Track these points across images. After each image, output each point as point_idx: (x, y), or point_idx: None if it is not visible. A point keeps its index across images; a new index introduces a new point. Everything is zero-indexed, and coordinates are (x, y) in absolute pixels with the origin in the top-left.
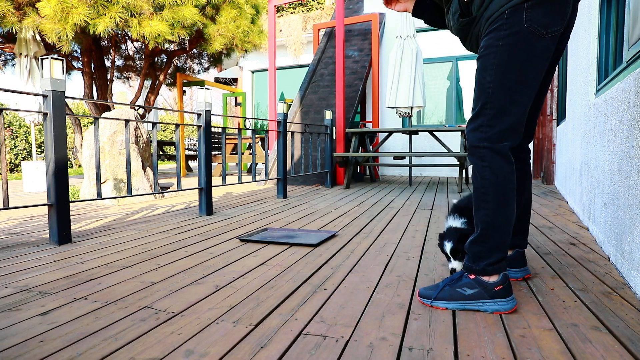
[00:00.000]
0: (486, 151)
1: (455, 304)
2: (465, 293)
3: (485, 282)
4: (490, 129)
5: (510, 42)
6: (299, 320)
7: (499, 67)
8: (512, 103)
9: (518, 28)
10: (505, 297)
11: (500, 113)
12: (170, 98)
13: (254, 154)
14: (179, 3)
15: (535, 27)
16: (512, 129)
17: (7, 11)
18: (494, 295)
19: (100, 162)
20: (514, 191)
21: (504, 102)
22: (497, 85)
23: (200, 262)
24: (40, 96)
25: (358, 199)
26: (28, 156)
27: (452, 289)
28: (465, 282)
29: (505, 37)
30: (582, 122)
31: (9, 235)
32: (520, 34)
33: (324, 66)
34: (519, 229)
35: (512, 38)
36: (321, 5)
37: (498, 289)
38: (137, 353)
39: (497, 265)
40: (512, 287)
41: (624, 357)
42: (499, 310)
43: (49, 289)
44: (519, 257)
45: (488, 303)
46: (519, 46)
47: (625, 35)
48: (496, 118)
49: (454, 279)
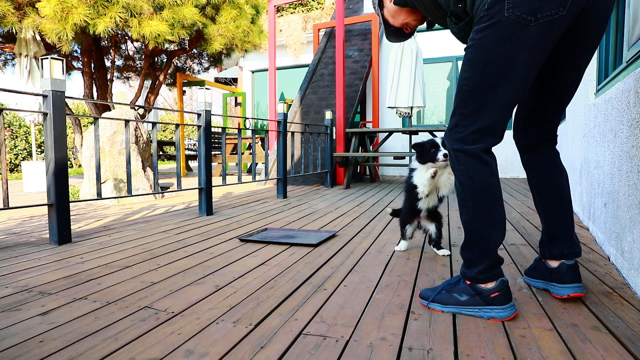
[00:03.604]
0: (460, 154)
1: (450, 308)
2: (460, 299)
3: (480, 289)
4: (464, 129)
5: (487, 35)
6: (299, 320)
7: (475, 63)
8: (489, 101)
9: (498, 18)
10: (503, 304)
11: (475, 112)
12: (170, 98)
13: (254, 154)
14: (179, 3)
15: (519, 15)
16: (489, 129)
17: (7, 11)
18: (490, 302)
19: (100, 162)
20: (495, 195)
21: (480, 101)
22: (472, 82)
23: (200, 262)
24: (40, 96)
25: (358, 199)
26: (28, 156)
27: (448, 293)
28: (461, 287)
29: (483, 29)
30: (582, 122)
31: (9, 235)
32: (499, 24)
33: (324, 66)
34: (553, 235)
35: (490, 30)
36: (321, 5)
37: (494, 296)
38: (137, 353)
39: (489, 273)
40: (513, 287)
41: (624, 357)
42: (495, 317)
43: (49, 289)
44: (564, 270)
45: (484, 309)
46: (498, 38)
47: (625, 35)
48: (470, 117)
49: (452, 283)
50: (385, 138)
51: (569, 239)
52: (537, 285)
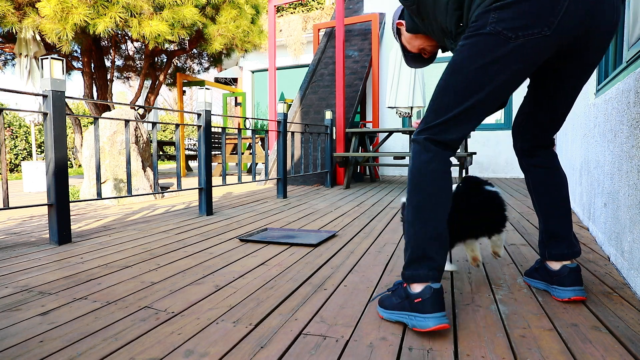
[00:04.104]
0: (414, 145)
1: (388, 314)
2: (395, 302)
3: (408, 292)
4: (424, 124)
5: (468, 44)
6: (299, 320)
7: (448, 68)
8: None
9: (480, 31)
10: (424, 312)
11: (437, 110)
12: (170, 98)
13: (254, 154)
14: (179, 3)
15: (500, 30)
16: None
17: (7, 11)
18: (414, 309)
19: (100, 162)
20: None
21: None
22: (441, 84)
23: (200, 262)
24: (40, 96)
25: (358, 199)
26: (28, 156)
27: (391, 295)
28: (399, 290)
29: (466, 38)
30: (582, 122)
31: (9, 235)
32: (479, 36)
33: (324, 66)
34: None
35: (472, 39)
36: (321, 5)
37: (417, 302)
38: (137, 353)
39: (412, 271)
40: (513, 287)
41: (623, 357)
42: (416, 326)
43: (49, 289)
44: (566, 273)
45: (410, 316)
46: (476, 49)
47: (625, 35)
48: (431, 114)
49: (398, 284)
50: (385, 138)
51: (569, 240)
52: (537, 286)
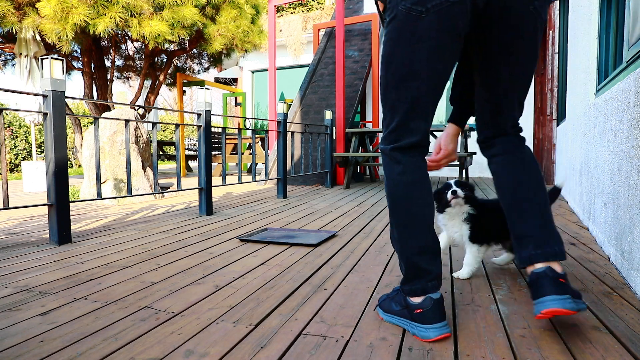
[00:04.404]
0: (382, 155)
1: (388, 316)
2: (394, 308)
3: (408, 302)
4: (385, 129)
5: (389, 30)
6: (299, 320)
7: (382, 63)
8: (397, 100)
9: (395, 12)
10: (424, 323)
11: (390, 111)
12: (170, 98)
13: (254, 154)
14: (179, 3)
15: (410, 7)
16: (402, 127)
17: (7, 11)
18: (415, 319)
19: (100, 162)
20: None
21: (390, 99)
22: (382, 81)
23: (200, 262)
24: (40, 96)
25: (358, 199)
26: (28, 156)
27: (390, 300)
28: (398, 296)
29: (387, 25)
30: (582, 122)
31: (9, 235)
32: (396, 18)
33: (324, 66)
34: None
35: (391, 25)
36: (321, 5)
37: (418, 312)
38: (137, 353)
39: (412, 286)
40: (513, 287)
41: (623, 357)
42: (417, 335)
43: (49, 289)
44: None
45: (411, 324)
46: (396, 33)
47: (625, 35)
48: (387, 118)
49: (396, 290)
50: None
51: (537, 237)
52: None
